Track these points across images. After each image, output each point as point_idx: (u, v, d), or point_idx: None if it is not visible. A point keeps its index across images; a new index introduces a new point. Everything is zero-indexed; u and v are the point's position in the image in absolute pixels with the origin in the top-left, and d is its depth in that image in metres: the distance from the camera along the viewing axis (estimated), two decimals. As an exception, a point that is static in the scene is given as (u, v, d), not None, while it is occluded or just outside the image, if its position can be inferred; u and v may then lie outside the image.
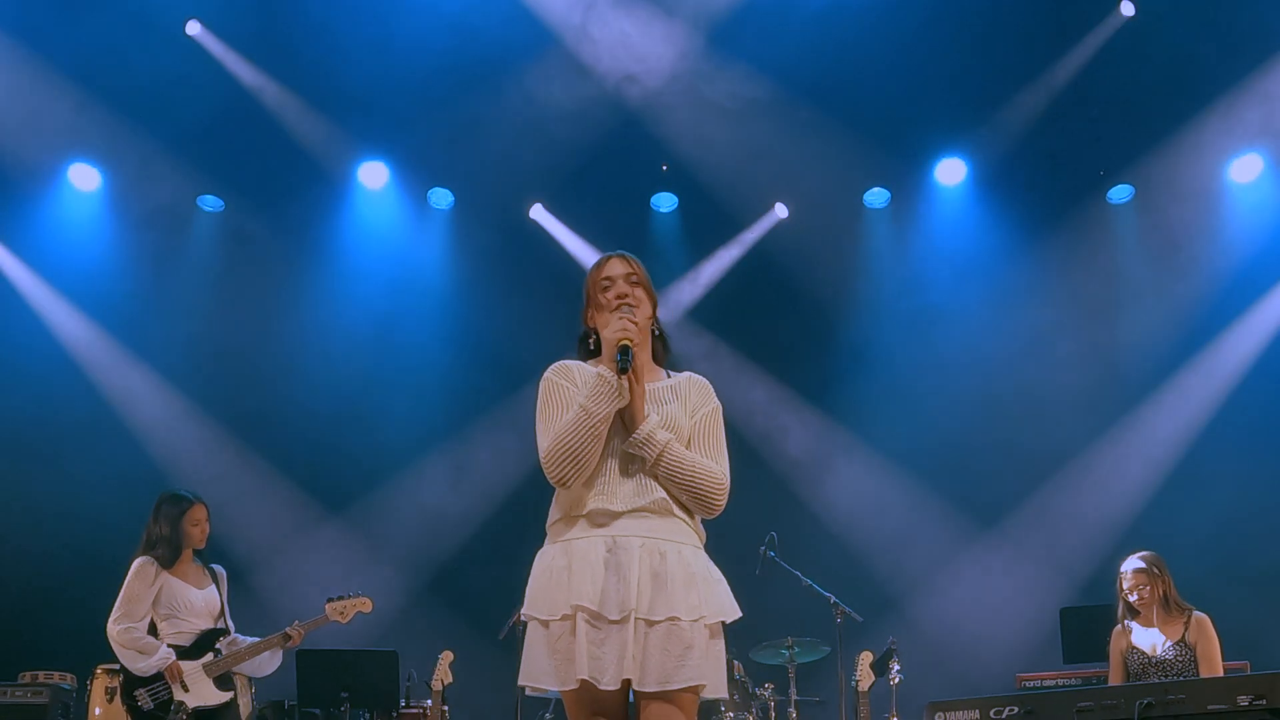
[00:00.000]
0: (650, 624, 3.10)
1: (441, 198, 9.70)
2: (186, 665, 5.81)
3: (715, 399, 3.44)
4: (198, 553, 6.05)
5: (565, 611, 3.12)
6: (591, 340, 3.45)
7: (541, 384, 3.37)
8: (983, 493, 9.23)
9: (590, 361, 3.42)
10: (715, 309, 9.69)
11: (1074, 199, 9.38)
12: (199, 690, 5.81)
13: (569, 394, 3.29)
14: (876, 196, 9.68)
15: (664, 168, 9.50)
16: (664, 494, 3.23)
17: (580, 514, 3.21)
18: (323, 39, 8.64)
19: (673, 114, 8.94)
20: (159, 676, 5.75)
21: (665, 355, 3.50)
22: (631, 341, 3.20)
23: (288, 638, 6.04)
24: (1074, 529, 8.97)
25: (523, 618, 3.26)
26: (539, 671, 3.15)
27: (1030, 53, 8.87)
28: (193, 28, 8.59)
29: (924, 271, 9.63)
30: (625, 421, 3.22)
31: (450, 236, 9.75)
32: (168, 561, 5.87)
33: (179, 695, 5.75)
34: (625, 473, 3.23)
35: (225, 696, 5.88)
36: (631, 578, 3.11)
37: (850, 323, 9.70)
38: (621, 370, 3.15)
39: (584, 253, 9.66)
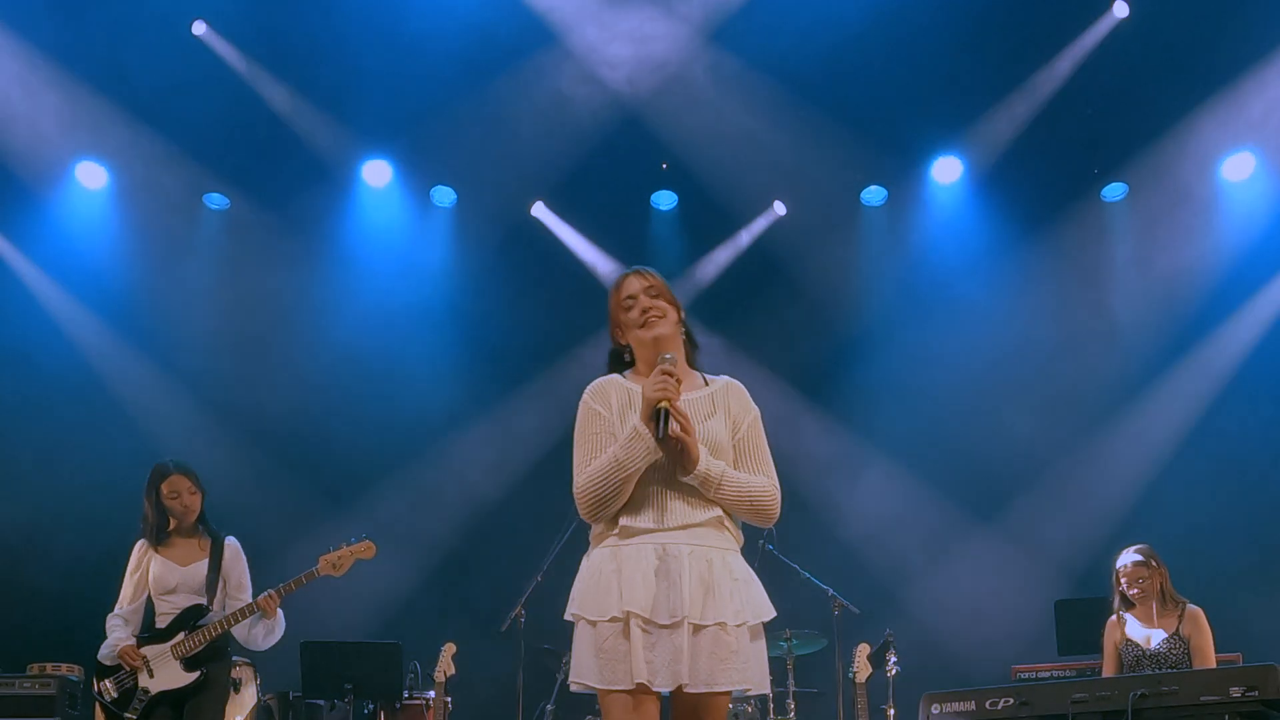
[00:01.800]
0: (697, 629, 3.20)
1: (444, 195, 9.76)
2: (154, 649, 5.52)
3: (754, 405, 3.53)
4: (206, 527, 5.75)
5: (614, 614, 3.21)
6: (626, 355, 3.54)
7: (580, 407, 3.46)
8: (978, 486, 9.28)
9: (628, 374, 3.51)
10: (714, 306, 9.73)
11: (1068, 197, 9.43)
12: (164, 674, 5.50)
13: (604, 423, 3.38)
14: (874, 194, 9.75)
15: (664, 166, 9.56)
16: (718, 511, 3.33)
17: (633, 530, 3.30)
18: (327, 38, 8.68)
19: (673, 113, 8.97)
20: (122, 665, 5.51)
21: (695, 354, 3.59)
22: (670, 403, 3.24)
23: (256, 606, 5.56)
24: (1068, 522, 9.01)
25: (569, 617, 3.35)
26: (584, 670, 3.25)
27: (1025, 52, 8.92)
28: (199, 27, 8.63)
29: (920, 268, 9.69)
30: (681, 461, 3.27)
31: (453, 234, 9.82)
32: (153, 539, 5.66)
33: (144, 682, 5.49)
34: (676, 494, 3.31)
35: (190, 678, 5.48)
36: (684, 585, 3.21)
37: (847, 319, 9.76)
38: (660, 438, 3.22)
39: (585, 250, 9.72)
